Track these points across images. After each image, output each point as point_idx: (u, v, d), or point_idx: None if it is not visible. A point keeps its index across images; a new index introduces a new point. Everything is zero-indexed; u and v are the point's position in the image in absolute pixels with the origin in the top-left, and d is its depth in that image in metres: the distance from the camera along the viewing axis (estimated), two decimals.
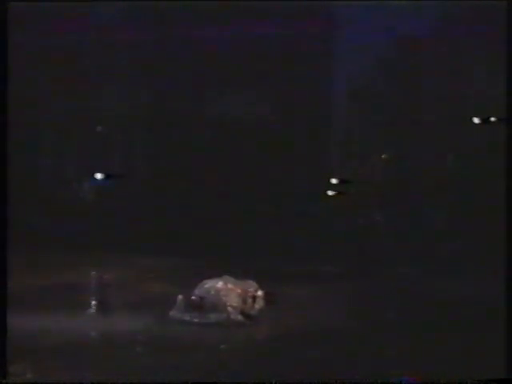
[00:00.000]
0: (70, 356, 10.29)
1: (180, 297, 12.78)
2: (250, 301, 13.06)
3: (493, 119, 18.49)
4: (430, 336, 11.26)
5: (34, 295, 13.92)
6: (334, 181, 22.82)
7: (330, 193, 22.82)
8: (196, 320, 12.49)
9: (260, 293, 13.23)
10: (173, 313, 12.68)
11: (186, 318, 12.54)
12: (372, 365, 9.87)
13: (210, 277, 13.29)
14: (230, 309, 12.67)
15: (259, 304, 13.16)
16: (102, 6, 21.78)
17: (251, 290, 13.21)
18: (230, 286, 13.03)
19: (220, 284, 13.03)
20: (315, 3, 21.48)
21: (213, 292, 12.88)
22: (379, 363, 9.92)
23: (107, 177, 21.85)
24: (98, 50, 22.06)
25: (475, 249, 17.18)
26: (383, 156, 23.68)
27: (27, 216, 19.94)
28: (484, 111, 19.20)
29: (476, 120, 19.91)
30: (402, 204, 21.39)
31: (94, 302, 13.34)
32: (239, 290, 13.01)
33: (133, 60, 22.42)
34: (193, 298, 12.78)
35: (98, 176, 21.89)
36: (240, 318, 12.61)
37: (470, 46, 20.61)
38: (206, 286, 13.05)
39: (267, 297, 13.29)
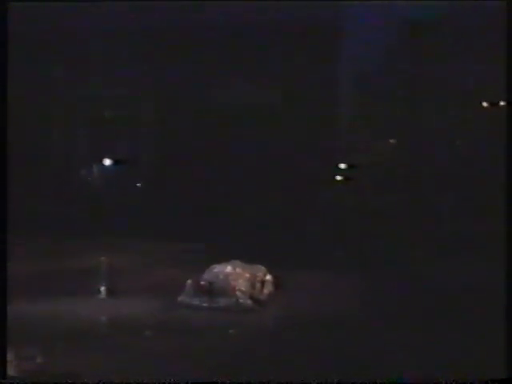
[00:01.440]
0: (80, 340, 10.25)
1: (189, 282, 12.73)
2: (258, 285, 12.99)
3: (502, 103, 18.41)
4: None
5: (42, 281, 13.88)
6: (342, 166, 22.79)
7: (338, 178, 22.79)
8: (205, 305, 12.45)
9: (269, 277, 13.19)
10: (182, 298, 12.65)
11: (195, 302, 12.49)
12: (375, 352, 9.84)
13: (218, 261, 13.23)
14: (238, 293, 12.59)
15: (268, 288, 13.11)
16: None
17: (260, 274, 13.15)
18: (238, 270, 12.97)
19: (229, 268, 12.97)
20: None
21: (221, 277, 12.82)
22: (382, 350, 9.89)
23: (116, 162, 21.84)
24: (106, 37, 22.01)
25: (481, 233, 17.11)
26: (391, 141, 23.63)
27: (35, 202, 19.98)
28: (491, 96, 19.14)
29: (484, 104, 19.84)
30: (409, 188, 21.34)
31: (103, 288, 13.31)
32: (248, 275, 12.94)
33: (141, 47, 22.35)
34: (202, 282, 12.71)
35: (107, 161, 21.89)
36: (249, 302, 12.54)
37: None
38: (215, 270, 13.00)
39: (276, 281, 13.25)
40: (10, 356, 8.30)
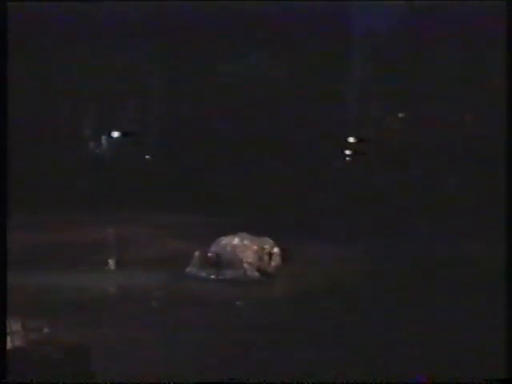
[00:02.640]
0: (87, 311, 10.27)
1: (197, 253, 12.72)
2: (266, 258, 12.94)
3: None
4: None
5: (49, 253, 13.84)
6: (351, 139, 22.69)
7: (347, 152, 22.69)
8: (212, 276, 12.45)
9: (276, 250, 13.12)
10: (189, 269, 12.64)
11: (203, 274, 12.49)
12: (381, 326, 9.84)
13: (226, 233, 13.19)
14: (246, 265, 12.58)
15: (275, 261, 13.05)
16: None
17: (267, 246, 13.08)
18: (246, 242, 12.93)
19: (236, 241, 12.94)
20: None
21: (229, 249, 12.80)
22: (388, 323, 9.88)
23: (124, 134, 21.82)
24: (113, 9, 21.88)
25: (486, 209, 16.95)
26: (402, 115, 23.49)
27: (44, 174, 19.97)
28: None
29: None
30: (419, 162, 21.22)
31: (110, 259, 13.28)
32: (255, 247, 12.90)
33: (147, 21, 22.20)
34: (209, 254, 12.70)
35: (115, 134, 21.87)
36: (256, 274, 12.53)
37: None
38: (223, 242, 12.97)
39: (283, 253, 13.19)
40: (17, 327, 8.27)
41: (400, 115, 23.72)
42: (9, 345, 7.60)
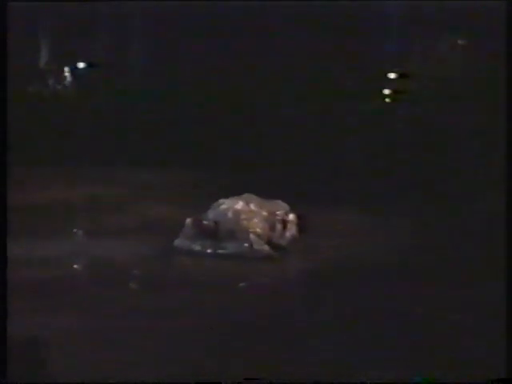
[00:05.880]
0: (46, 294, 10.36)
1: (188, 221, 12.67)
2: (279, 227, 12.93)
3: None
4: None
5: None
6: (391, 75, 22.69)
7: (386, 91, 22.68)
8: (209, 250, 12.45)
9: (292, 216, 13.09)
10: (179, 241, 12.63)
11: (197, 247, 12.50)
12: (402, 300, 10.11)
13: (227, 195, 13.14)
14: (252, 237, 12.52)
15: (290, 231, 13.04)
16: None
17: (280, 212, 13.07)
18: (252, 207, 12.89)
19: (240, 205, 12.88)
20: None
21: (231, 215, 12.75)
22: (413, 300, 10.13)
23: (89, 65, 22.00)
24: None
25: None
26: (459, 42, 23.39)
27: None
28: None
29: None
30: (474, 104, 21.09)
31: (77, 227, 13.35)
32: (265, 213, 12.88)
33: None
34: (205, 222, 12.67)
35: (80, 65, 22.02)
36: (266, 248, 12.49)
37: None
38: (223, 206, 12.92)
39: (301, 222, 13.17)
40: None
41: (460, 41, 23.62)
42: None
